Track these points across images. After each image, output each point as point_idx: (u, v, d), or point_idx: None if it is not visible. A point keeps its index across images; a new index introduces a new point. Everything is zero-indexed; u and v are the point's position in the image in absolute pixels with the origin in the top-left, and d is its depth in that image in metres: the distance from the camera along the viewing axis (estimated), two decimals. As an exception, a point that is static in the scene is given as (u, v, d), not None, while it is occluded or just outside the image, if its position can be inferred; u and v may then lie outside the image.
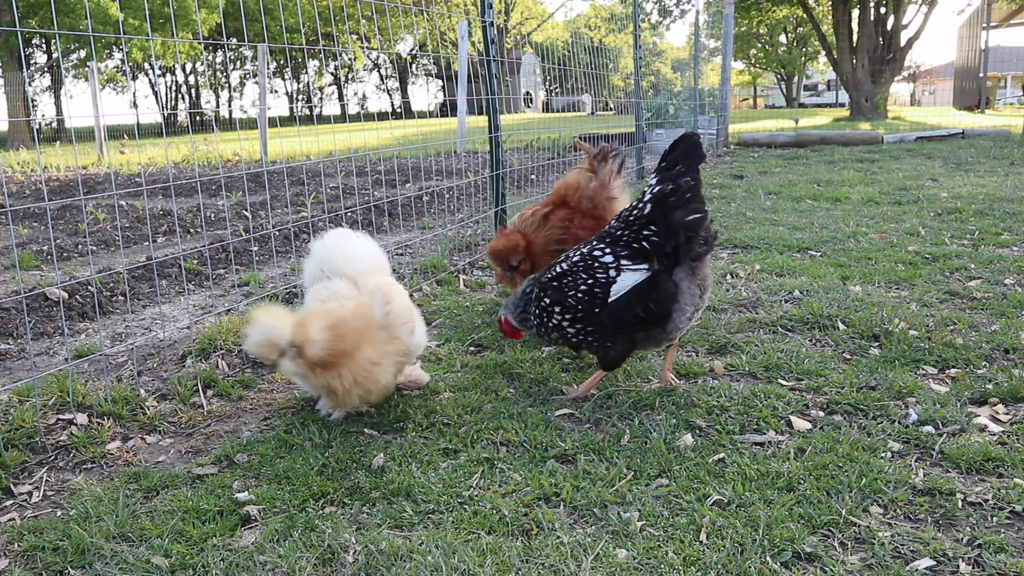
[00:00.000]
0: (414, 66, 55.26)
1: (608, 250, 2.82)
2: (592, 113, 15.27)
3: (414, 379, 3.08)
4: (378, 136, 10.02)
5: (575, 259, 2.89)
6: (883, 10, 25.51)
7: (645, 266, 2.75)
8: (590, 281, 2.80)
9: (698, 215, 2.72)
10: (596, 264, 2.82)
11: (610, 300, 2.76)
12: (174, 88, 55.84)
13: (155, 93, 54.86)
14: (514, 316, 3.09)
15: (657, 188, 2.74)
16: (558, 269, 2.92)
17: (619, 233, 2.83)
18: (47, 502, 2.38)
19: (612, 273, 2.77)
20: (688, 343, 3.51)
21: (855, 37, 25.83)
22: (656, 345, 2.91)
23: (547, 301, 2.92)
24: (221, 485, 2.37)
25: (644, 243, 2.75)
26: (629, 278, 2.75)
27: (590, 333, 2.85)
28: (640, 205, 2.78)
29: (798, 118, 23.85)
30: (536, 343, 3.55)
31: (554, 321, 2.91)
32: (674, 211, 2.71)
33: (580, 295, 2.82)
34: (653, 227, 2.74)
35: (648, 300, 2.73)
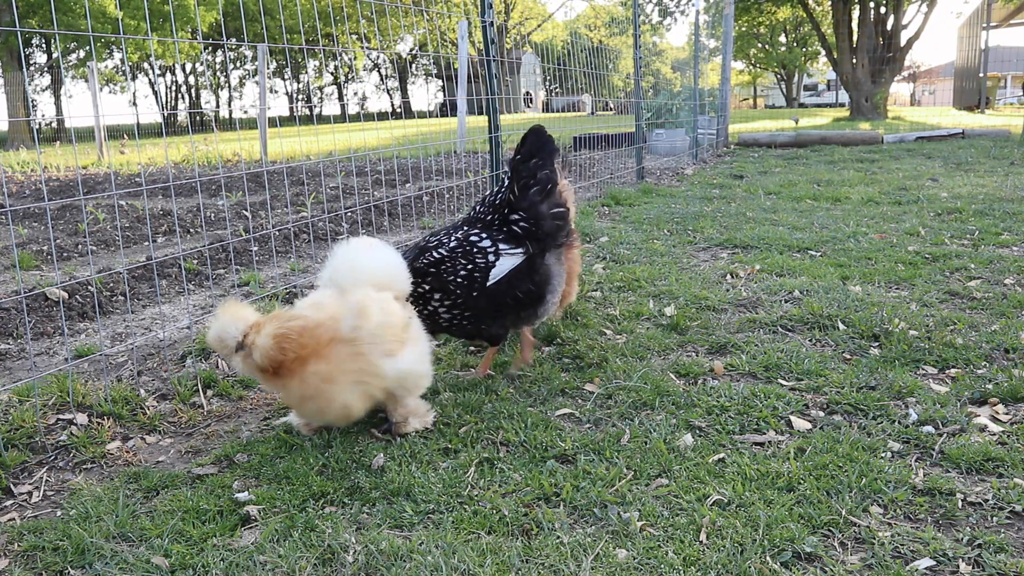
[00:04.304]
0: (414, 66, 55.26)
1: (484, 235, 2.95)
2: (592, 113, 15.27)
3: (407, 413, 2.66)
4: (378, 136, 10.02)
5: (452, 245, 2.96)
6: (883, 10, 25.50)
7: (520, 250, 2.91)
8: (469, 266, 2.91)
9: (561, 208, 2.93)
10: (475, 249, 2.92)
11: (489, 284, 2.89)
12: (174, 88, 55.83)
13: (155, 93, 54.88)
14: None
15: (521, 181, 2.93)
16: (435, 255, 2.95)
17: (489, 218, 2.99)
18: (47, 502, 2.38)
19: (491, 258, 2.90)
20: (688, 343, 3.52)
21: (855, 37, 25.82)
22: (530, 324, 3.10)
23: (426, 287, 2.93)
24: (221, 485, 2.36)
25: (516, 227, 2.92)
26: (507, 262, 2.91)
27: (466, 317, 2.96)
28: (503, 191, 2.97)
29: (798, 118, 23.85)
30: (535, 344, 3.55)
31: (431, 308, 2.95)
32: (541, 203, 2.90)
33: (460, 280, 2.90)
34: (521, 213, 2.92)
35: (528, 282, 2.91)
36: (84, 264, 5.79)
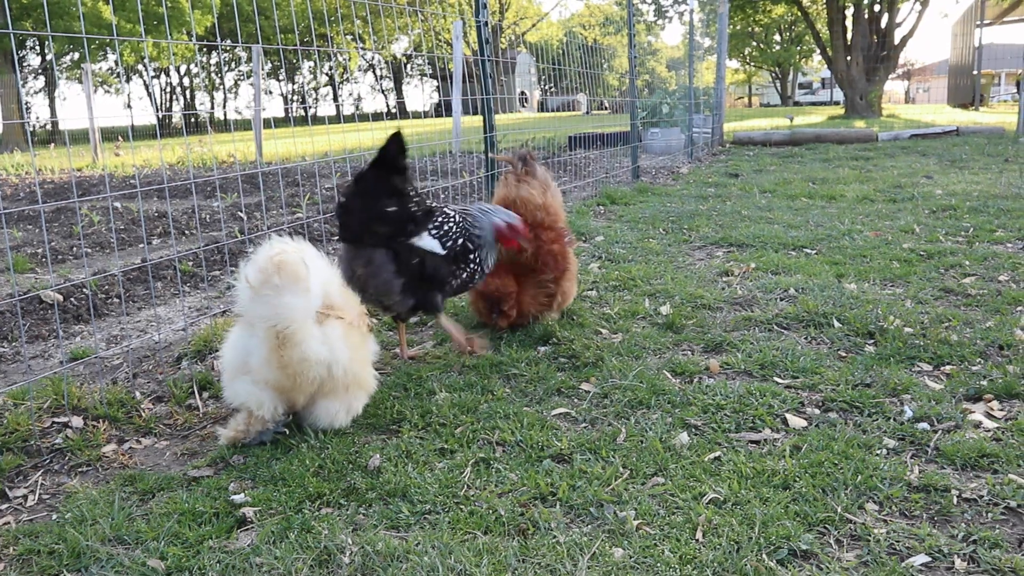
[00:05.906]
0: (409, 66, 55.17)
1: None
2: (587, 112, 15.28)
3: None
4: (373, 137, 9.96)
5: None
6: (877, 8, 25.56)
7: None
8: None
9: (384, 208, 3.14)
10: None
11: None
12: (169, 90, 55.70)
13: (149, 95, 54.65)
14: None
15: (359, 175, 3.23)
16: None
17: None
18: (42, 505, 2.37)
19: None
20: (684, 342, 3.52)
21: (849, 35, 25.87)
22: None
23: None
24: (217, 487, 2.36)
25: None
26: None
27: None
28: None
29: (793, 116, 23.87)
30: (530, 344, 3.56)
31: None
32: (352, 198, 3.16)
33: None
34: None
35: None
36: (79, 266, 5.77)
